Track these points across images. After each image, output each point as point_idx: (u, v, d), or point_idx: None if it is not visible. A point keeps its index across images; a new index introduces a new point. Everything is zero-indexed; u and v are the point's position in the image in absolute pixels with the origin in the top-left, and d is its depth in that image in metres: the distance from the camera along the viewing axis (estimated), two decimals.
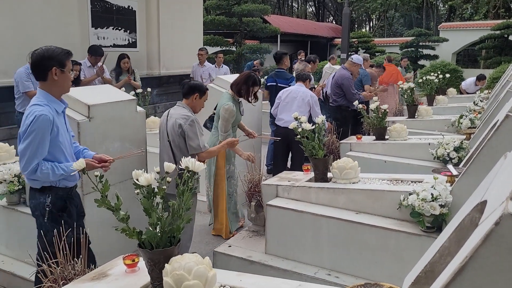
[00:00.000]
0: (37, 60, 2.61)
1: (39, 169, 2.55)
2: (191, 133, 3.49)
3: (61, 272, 2.23)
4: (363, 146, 5.21)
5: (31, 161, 2.53)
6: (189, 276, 1.75)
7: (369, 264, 3.10)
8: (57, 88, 2.66)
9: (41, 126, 2.51)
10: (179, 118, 3.51)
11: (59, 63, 2.61)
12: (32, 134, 2.51)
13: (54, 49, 2.64)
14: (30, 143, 2.52)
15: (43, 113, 2.53)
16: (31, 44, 6.49)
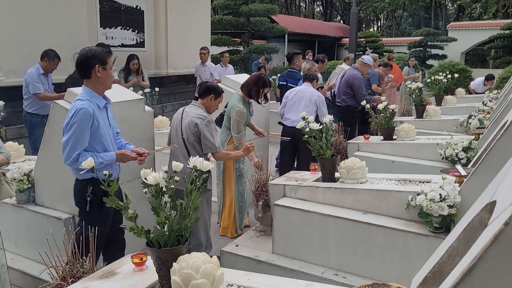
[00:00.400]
0: (81, 60, 2.82)
1: (80, 159, 2.70)
2: (207, 133, 3.52)
3: (70, 270, 2.24)
4: (371, 146, 5.19)
5: (73, 151, 2.73)
6: (196, 275, 1.76)
7: (376, 265, 3.09)
8: (100, 84, 2.87)
9: (81, 119, 2.71)
10: (195, 118, 3.54)
11: (101, 61, 2.81)
12: (74, 126, 2.72)
13: (96, 49, 2.88)
14: (71, 134, 2.73)
15: (84, 106, 2.73)
16: (40, 43, 6.57)
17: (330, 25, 29.57)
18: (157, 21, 8.90)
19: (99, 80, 2.85)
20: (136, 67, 6.99)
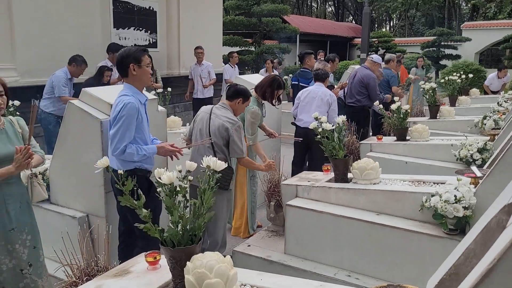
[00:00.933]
0: (119, 60, 3.02)
1: (126, 150, 2.88)
2: (237, 138, 3.53)
3: (85, 268, 2.27)
4: (384, 146, 5.16)
5: (120, 143, 2.88)
6: (210, 274, 1.76)
7: (389, 266, 3.06)
8: (137, 81, 3.03)
9: (129, 113, 2.87)
10: (226, 122, 3.53)
11: (136, 60, 2.98)
12: (121, 119, 2.87)
13: (130, 48, 3.05)
14: (119, 127, 2.87)
15: (131, 101, 2.89)
16: (55, 44, 6.65)
17: (342, 25, 29.46)
18: (170, 21, 8.95)
19: (135, 77, 3.01)
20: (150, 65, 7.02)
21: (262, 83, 4.39)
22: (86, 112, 3.23)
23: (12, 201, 2.52)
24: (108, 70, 6.05)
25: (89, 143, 3.26)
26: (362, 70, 6.77)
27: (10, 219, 2.51)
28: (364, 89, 6.60)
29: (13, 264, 2.52)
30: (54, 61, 6.55)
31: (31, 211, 2.67)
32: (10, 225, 2.51)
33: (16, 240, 2.53)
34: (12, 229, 2.51)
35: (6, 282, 2.50)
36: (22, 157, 2.35)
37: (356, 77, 6.71)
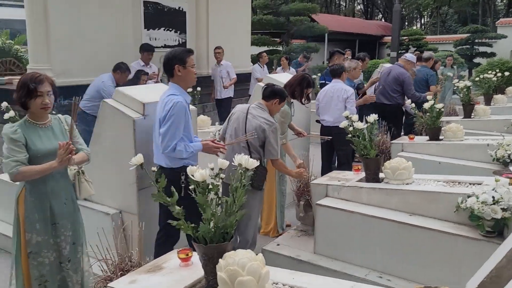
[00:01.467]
0: (165, 61, 3.12)
1: (176, 148, 2.97)
2: (273, 140, 3.52)
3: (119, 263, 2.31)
4: (416, 146, 5.05)
5: (171, 141, 2.97)
6: (242, 272, 1.77)
7: (422, 268, 3.00)
8: (182, 82, 3.13)
9: (178, 112, 2.97)
10: (263, 123, 3.51)
11: (181, 61, 3.07)
12: (171, 118, 2.96)
13: (176, 50, 3.16)
14: (170, 126, 2.96)
15: (179, 100, 2.99)
16: (89, 45, 6.81)
17: (371, 23, 29.03)
18: (199, 21, 9.02)
19: (180, 78, 3.10)
20: None
21: (291, 81, 4.38)
22: (119, 111, 3.30)
23: (56, 197, 2.60)
24: (144, 74, 6.15)
25: (122, 141, 3.32)
26: (397, 68, 6.64)
27: (53, 214, 2.58)
28: (399, 87, 6.48)
29: (54, 257, 2.60)
30: (87, 62, 6.73)
31: (76, 208, 2.75)
32: (53, 220, 2.58)
33: (59, 235, 2.61)
34: (54, 224, 2.59)
35: (48, 275, 2.58)
36: (64, 152, 2.41)
37: (391, 75, 6.57)
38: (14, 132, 2.47)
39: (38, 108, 2.51)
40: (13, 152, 2.43)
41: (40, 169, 2.47)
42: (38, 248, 2.58)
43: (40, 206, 2.56)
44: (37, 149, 2.50)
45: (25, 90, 2.47)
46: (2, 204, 4.33)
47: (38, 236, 2.57)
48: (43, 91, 2.49)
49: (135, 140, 3.21)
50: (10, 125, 2.52)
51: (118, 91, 3.41)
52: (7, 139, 2.45)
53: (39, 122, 2.57)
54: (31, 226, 2.56)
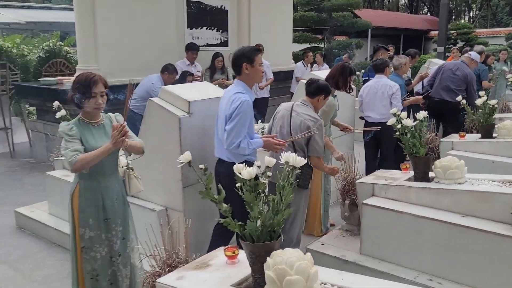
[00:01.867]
0: (234, 58, 3.17)
1: (240, 145, 3.03)
2: (318, 137, 3.49)
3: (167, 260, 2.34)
4: (467, 144, 4.84)
5: (236, 138, 3.02)
6: (291, 271, 1.74)
7: (477, 272, 2.87)
8: (249, 80, 3.16)
9: (245, 110, 3.02)
10: (307, 120, 3.49)
11: (248, 59, 3.10)
12: (238, 116, 3.01)
13: (245, 48, 3.20)
14: (236, 123, 3.01)
15: (247, 99, 3.04)
16: (134, 46, 6.98)
17: (416, 17, 28.16)
18: (240, 20, 9.04)
19: (247, 76, 3.13)
20: (221, 64, 7.23)
21: (332, 73, 4.28)
22: (165, 109, 3.35)
23: (108, 193, 2.68)
24: (190, 74, 6.24)
25: (167, 139, 3.37)
26: (464, 66, 6.38)
27: (105, 209, 2.66)
28: (465, 86, 6.24)
29: (105, 252, 2.68)
30: (132, 62, 6.89)
31: (126, 204, 2.82)
32: (105, 215, 2.67)
33: (110, 230, 2.68)
34: (106, 219, 2.66)
35: (99, 269, 2.67)
36: (118, 134, 2.47)
37: (460, 73, 6.29)
38: (70, 129, 2.57)
39: (92, 108, 2.60)
40: (70, 144, 2.52)
41: (97, 153, 2.53)
42: (90, 243, 2.66)
43: (93, 202, 2.65)
44: (91, 147, 2.58)
45: (80, 91, 2.56)
46: (54, 200, 4.51)
47: (91, 231, 2.65)
48: (97, 92, 2.57)
49: (181, 138, 3.25)
50: (66, 123, 2.62)
51: (164, 90, 3.47)
52: (64, 135, 2.55)
53: (92, 121, 2.66)
54: (84, 221, 2.65)
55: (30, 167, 6.96)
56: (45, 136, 7.08)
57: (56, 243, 4.25)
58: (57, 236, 4.23)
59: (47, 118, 7.14)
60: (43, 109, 7.25)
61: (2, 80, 7.59)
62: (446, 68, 6.48)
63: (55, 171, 4.67)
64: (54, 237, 4.28)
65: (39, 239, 4.38)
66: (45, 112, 7.17)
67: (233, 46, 8.82)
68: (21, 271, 3.77)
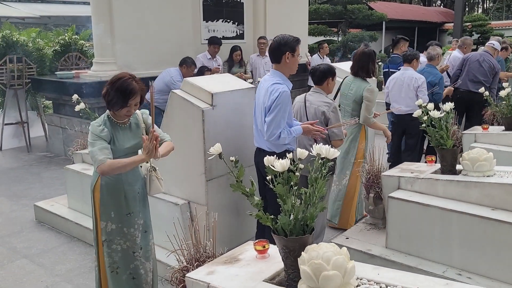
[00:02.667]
0: (274, 46, 3.10)
1: (281, 136, 3.04)
2: (334, 120, 3.56)
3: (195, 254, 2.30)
4: (491, 137, 4.74)
5: (276, 129, 3.03)
6: (327, 266, 1.69)
7: (508, 266, 2.80)
8: (287, 69, 3.14)
9: (284, 101, 3.01)
10: (321, 106, 3.57)
11: (291, 49, 3.08)
12: (277, 107, 3.00)
13: (287, 37, 3.12)
14: (276, 115, 3.01)
15: (285, 89, 3.03)
16: (151, 39, 6.94)
17: (430, 10, 27.75)
18: (256, 12, 8.95)
19: (287, 65, 3.11)
20: (239, 58, 7.19)
21: (361, 63, 4.19)
22: (188, 101, 3.30)
23: (130, 186, 2.64)
24: (208, 70, 6.18)
25: (190, 132, 3.33)
26: (490, 57, 6.30)
27: (128, 204, 2.63)
28: (492, 76, 6.20)
29: (127, 246, 2.64)
30: (149, 55, 6.86)
31: (146, 198, 2.78)
32: (127, 210, 2.63)
33: (132, 225, 2.65)
34: (129, 214, 2.63)
35: (120, 262, 2.64)
36: (150, 143, 2.42)
37: (486, 64, 6.22)
38: (102, 130, 2.49)
39: (122, 115, 2.55)
40: (100, 146, 2.45)
41: (129, 161, 2.49)
42: (112, 236, 2.63)
43: (115, 194, 2.61)
44: (117, 148, 2.53)
45: (115, 98, 2.47)
46: (74, 193, 4.51)
47: (112, 224, 2.62)
48: (132, 103, 2.50)
49: (204, 131, 3.21)
50: (97, 123, 2.53)
51: (187, 82, 3.42)
52: (94, 136, 2.48)
53: (120, 121, 2.60)
54: (106, 215, 2.62)
55: (47, 161, 6.99)
56: (61, 130, 7.09)
57: (77, 237, 4.25)
58: (77, 230, 4.23)
59: (63, 112, 7.15)
60: (60, 103, 7.26)
61: (18, 74, 7.59)
62: (472, 60, 6.36)
63: (74, 165, 4.67)
64: (74, 231, 4.28)
65: (59, 233, 4.39)
66: (62, 105, 7.19)
67: (248, 39, 8.75)
68: (43, 265, 3.78)
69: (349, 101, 4.22)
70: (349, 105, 4.22)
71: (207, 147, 2.69)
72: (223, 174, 3.32)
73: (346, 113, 4.23)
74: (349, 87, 4.24)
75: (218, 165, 3.27)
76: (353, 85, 4.21)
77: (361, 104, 4.14)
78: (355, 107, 4.18)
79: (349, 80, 4.30)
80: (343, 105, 4.29)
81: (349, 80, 4.29)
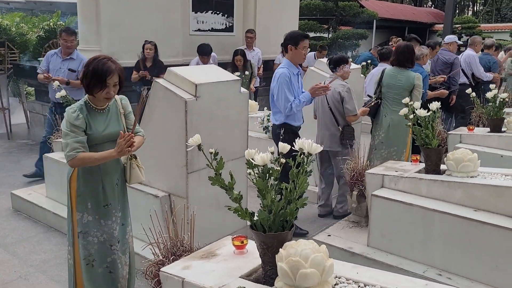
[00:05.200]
0: (284, 39, 3.87)
1: (293, 106, 3.75)
2: (348, 98, 4.23)
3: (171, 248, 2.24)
4: (475, 138, 4.75)
5: (286, 103, 3.75)
6: (305, 264, 1.64)
7: (488, 268, 2.79)
8: (292, 59, 3.88)
9: (281, 80, 3.75)
10: (337, 87, 4.24)
11: (294, 43, 3.80)
12: (278, 87, 3.79)
13: (294, 32, 3.92)
14: (279, 93, 3.77)
15: (283, 71, 3.78)
16: (137, 27, 6.79)
17: (421, 10, 27.84)
18: (246, 5, 8.84)
19: (290, 55, 3.85)
20: (241, 63, 6.87)
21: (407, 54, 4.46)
22: (171, 92, 3.22)
23: (108, 178, 2.55)
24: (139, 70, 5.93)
25: (172, 123, 3.24)
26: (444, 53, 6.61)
27: (106, 195, 2.54)
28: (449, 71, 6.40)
29: (103, 238, 2.55)
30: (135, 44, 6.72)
31: (125, 190, 2.70)
32: (105, 201, 2.54)
33: (110, 217, 2.56)
34: (106, 205, 2.55)
35: (96, 254, 2.55)
36: (124, 144, 2.34)
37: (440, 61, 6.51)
38: (77, 117, 2.40)
39: (101, 97, 2.46)
40: (73, 136, 2.37)
41: (99, 157, 2.42)
42: (87, 227, 2.54)
43: (92, 186, 2.52)
44: (93, 133, 2.45)
45: (93, 78, 2.40)
46: (53, 182, 4.40)
47: (89, 216, 2.54)
48: (110, 82, 2.41)
49: (187, 122, 3.13)
50: (72, 109, 2.44)
51: (170, 71, 3.33)
52: (68, 124, 2.39)
53: (98, 107, 2.51)
54: (82, 206, 2.53)
55: (28, 149, 6.84)
56: (43, 117, 6.94)
57: (53, 227, 4.14)
58: (55, 220, 4.13)
59: (46, 99, 6.97)
60: (42, 90, 7.09)
61: (0, 59, 7.41)
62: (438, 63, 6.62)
63: (54, 153, 4.55)
64: (52, 221, 4.18)
65: (35, 223, 4.28)
66: (44, 93, 7.00)
67: (238, 32, 8.65)
68: (17, 255, 3.67)
69: (398, 90, 4.42)
70: (398, 94, 4.38)
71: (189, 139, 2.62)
72: (205, 167, 3.23)
73: (393, 102, 4.41)
74: (396, 77, 4.45)
75: (200, 158, 3.20)
76: (401, 76, 4.44)
77: (411, 92, 4.40)
78: (405, 95, 4.28)
79: (393, 71, 4.50)
80: (388, 94, 4.48)
81: (393, 71, 4.49)
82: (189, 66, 6.27)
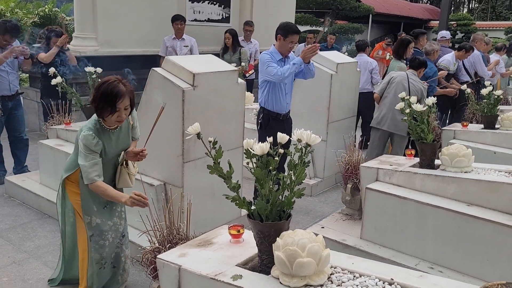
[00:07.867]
0: (277, 27, 3.95)
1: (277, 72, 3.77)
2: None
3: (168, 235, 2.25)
4: (469, 134, 4.79)
5: (274, 69, 3.77)
6: (302, 253, 1.67)
7: (479, 262, 2.83)
8: (279, 48, 3.96)
9: (261, 60, 3.92)
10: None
11: (283, 34, 3.87)
12: (259, 66, 4.01)
13: (287, 23, 3.97)
14: (262, 68, 3.89)
15: (264, 54, 3.90)
16: (133, 16, 6.75)
17: (417, 6, 27.90)
18: None
19: (278, 44, 3.95)
20: (229, 41, 6.90)
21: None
22: (168, 80, 3.20)
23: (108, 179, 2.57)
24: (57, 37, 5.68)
25: (170, 112, 3.21)
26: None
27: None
28: None
29: (112, 238, 2.59)
30: (131, 32, 6.68)
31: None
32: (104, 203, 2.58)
33: (112, 216, 2.59)
34: (105, 207, 2.58)
35: (107, 256, 2.61)
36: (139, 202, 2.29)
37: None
38: (96, 144, 2.37)
39: (112, 121, 2.42)
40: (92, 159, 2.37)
41: (111, 195, 2.40)
42: (99, 230, 2.57)
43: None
44: (106, 154, 2.47)
45: (102, 102, 2.34)
46: (47, 169, 4.38)
47: (97, 218, 2.55)
48: (121, 106, 2.36)
49: (184, 111, 3.12)
50: (90, 134, 2.37)
51: (168, 60, 3.32)
52: (87, 148, 2.35)
53: (111, 127, 2.49)
54: (88, 209, 2.54)
55: None
56: (37, 104, 6.88)
57: (47, 214, 4.13)
58: (49, 206, 4.11)
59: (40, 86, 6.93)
60: (36, 76, 7.02)
61: None
62: None
63: (48, 140, 4.52)
64: (46, 207, 4.16)
65: (29, 209, 4.26)
66: (38, 79, 6.95)
67: (234, 23, 8.61)
68: (11, 240, 3.66)
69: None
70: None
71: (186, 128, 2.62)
72: (201, 157, 3.26)
73: None
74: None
75: (196, 147, 3.20)
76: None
77: None
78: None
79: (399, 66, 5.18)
80: None
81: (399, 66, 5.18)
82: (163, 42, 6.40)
